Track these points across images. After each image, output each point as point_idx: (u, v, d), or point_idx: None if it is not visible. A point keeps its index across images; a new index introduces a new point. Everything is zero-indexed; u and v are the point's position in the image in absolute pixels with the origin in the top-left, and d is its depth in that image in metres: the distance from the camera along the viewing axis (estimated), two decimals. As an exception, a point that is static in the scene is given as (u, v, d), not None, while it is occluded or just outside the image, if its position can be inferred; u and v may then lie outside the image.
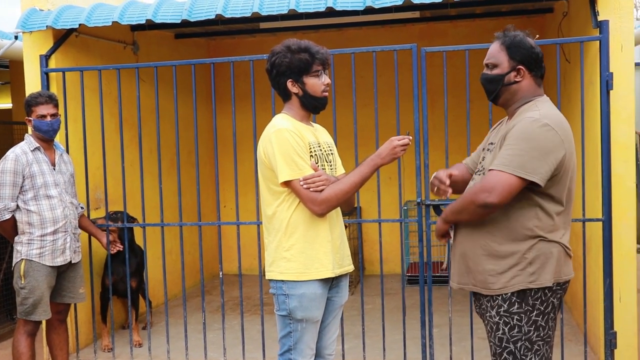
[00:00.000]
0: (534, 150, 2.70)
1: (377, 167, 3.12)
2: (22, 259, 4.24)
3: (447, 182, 3.07)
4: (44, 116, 4.31)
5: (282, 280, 3.10)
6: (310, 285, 3.08)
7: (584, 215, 4.40)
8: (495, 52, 2.92)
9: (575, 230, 4.96)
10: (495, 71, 2.92)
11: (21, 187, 4.23)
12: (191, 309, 6.21)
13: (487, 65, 2.96)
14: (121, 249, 4.99)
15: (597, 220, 4.39)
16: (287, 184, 3.03)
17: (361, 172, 3.10)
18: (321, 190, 3.02)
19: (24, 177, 4.21)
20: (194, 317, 5.98)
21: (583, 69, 4.41)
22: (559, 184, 2.79)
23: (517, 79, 2.89)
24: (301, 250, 3.07)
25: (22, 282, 4.23)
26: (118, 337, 5.52)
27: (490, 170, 2.75)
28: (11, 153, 4.26)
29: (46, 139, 4.37)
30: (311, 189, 3.01)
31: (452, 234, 3.04)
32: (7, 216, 4.22)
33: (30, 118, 4.35)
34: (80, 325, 5.17)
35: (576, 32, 5.16)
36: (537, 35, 3.04)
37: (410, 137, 3.14)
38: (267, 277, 3.19)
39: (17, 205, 4.24)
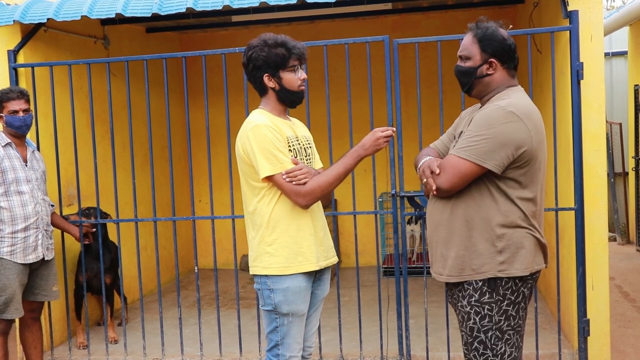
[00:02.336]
0: (493, 137, 2.72)
1: (360, 158, 3.13)
2: None
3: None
4: (16, 112, 4.26)
5: (266, 275, 3.10)
6: (295, 279, 3.08)
7: (556, 204, 4.45)
8: (468, 44, 2.93)
9: (547, 220, 5.01)
10: (468, 64, 2.93)
11: None
12: (167, 304, 6.18)
13: (460, 57, 2.98)
14: (92, 241, 4.96)
15: (570, 209, 4.43)
16: (269, 178, 3.03)
17: (345, 164, 3.11)
18: (304, 183, 3.02)
19: None
20: (170, 312, 5.95)
21: (554, 59, 4.45)
22: (527, 173, 2.80)
23: (489, 72, 2.90)
24: (284, 245, 3.07)
25: None
26: (93, 334, 5.47)
27: (450, 154, 2.80)
28: None
29: (18, 135, 4.32)
30: (294, 182, 3.01)
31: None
32: None
33: (1, 114, 4.28)
34: (55, 323, 5.11)
35: (547, 22, 5.20)
36: (511, 26, 3.05)
37: (394, 129, 3.16)
38: (251, 273, 3.19)
39: None
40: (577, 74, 4.32)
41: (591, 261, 4.44)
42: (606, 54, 8.59)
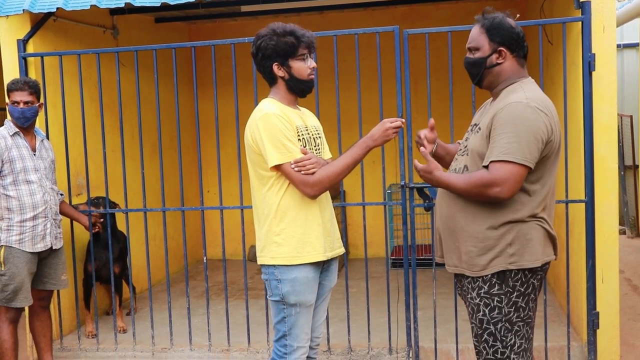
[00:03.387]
0: (528, 134, 2.69)
1: (369, 149, 3.12)
2: (2, 246, 4.20)
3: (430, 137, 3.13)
4: (17, 102, 4.26)
5: (274, 265, 3.10)
6: (302, 269, 3.08)
7: (566, 196, 4.42)
8: (476, 35, 2.92)
9: (558, 212, 4.98)
10: (477, 54, 2.91)
11: (0, 172, 4.18)
12: (175, 294, 6.19)
13: (469, 49, 2.96)
14: (100, 230, 4.97)
15: (580, 201, 4.41)
16: (277, 167, 3.02)
17: (353, 154, 3.10)
18: (312, 173, 3.01)
19: (2, 161, 4.17)
20: (178, 302, 5.96)
21: (565, 50, 4.41)
22: (544, 165, 2.79)
23: (499, 61, 2.88)
24: (292, 234, 3.07)
25: (2, 268, 4.20)
26: (102, 323, 5.50)
27: (494, 161, 2.71)
28: None
29: (18, 126, 4.31)
30: (302, 172, 3.00)
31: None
32: None
33: (7, 103, 4.30)
34: (64, 312, 5.14)
35: (558, 13, 5.16)
36: (518, 15, 3.04)
37: (403, 120, 3.14)
38: (258, 263, 3.18)
39: None
40: (588, 66, 4.29)
41: (601, 254, 4.41)
42: (617, 46, 8.51)
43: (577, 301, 4.67)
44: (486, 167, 2.75)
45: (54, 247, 4.40)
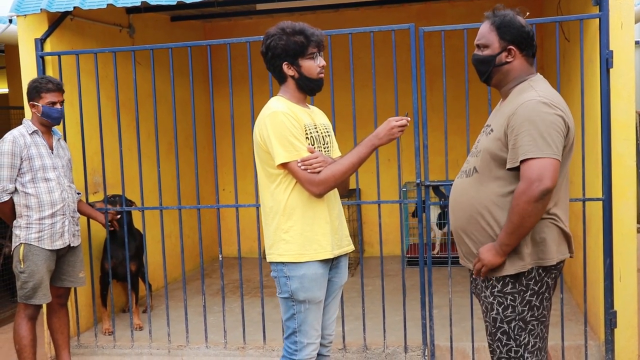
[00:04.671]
0: (549, 128, 2.67)
1: (374, 147, 3.11)
2: (21, 243, 4.24)
3: None
4: (54, 103, 4.33)
5: (283, 263, 3.11)
6: (311, 266, 3.09)
7: (584, 194, 4.39)
8: (486, 32, 2.90)
9: (575, 210, 4.96)
10: (486, 52, 2.90)
11: (19, 170, 4.22)
12: (191, 292, 6.21)
13: (478, 46, 2.95)
14: (117, 228, 5.01)
15: (597, 199, 4.37)
16: (284, 166, 3.03)
17: (359, 153, 3.09)
18: (319, 172, 3.01)
19: (21, 159, 4.21)
20: (194, 300, 5.99)
21: (583, 47, 4.38)
22: (561, 161, 2.77)
23: (508, 60, 2.87)
24: (300, 232, 3.08)
25: (22, 266, 4.23)
26: (118, 321, 5.53)
27: (523, 161, 2.67)
28: (9, 135, 4.25)
29: (50, 125, 4.38)
30: (309, 171, 3.00)
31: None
32: (5, 198, 4.21)
33: (36, 103, 4.32)
34: (81, 309, 5.17)
35: (575, 9, 5.12)
36: (528, 13, 3.02)
37: (409, 118, 3.13)
38: (267, 260, 3.20)
39: (15, 188, 4.23)
40: (606, 62, 4.25)
41: (619, 252, 4.38)
42: (636, 43, 8.42)
43: (595, 300, 4.64)
44: (510, 169, 2.73)
45: (72, 245, 4.44)
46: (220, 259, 4.84)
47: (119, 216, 5.02)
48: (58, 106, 4.34)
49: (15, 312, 6.13)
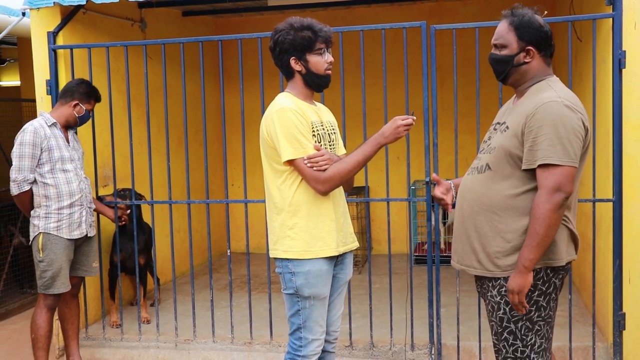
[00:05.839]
0: (569, 134, 2.65)
1: (380, 146, 3.11)
2: (40, 233, 4.29)
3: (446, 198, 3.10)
4: (90, 111, 4.54)
5: (288, 259, 3.11)
6: (315, 263, 3.09)
7: (594, 195, 4.36)
8: (504, 32, 2.86)
9: (584, 211, 4.94)
10: (504, 52, 2.87)
11: (38, 160, 4.26)
12: (199, 286, 6.23)
13: (495, 45, 2.91)
14: (126, 221, 5.04)
15: (608, 200, 4.35)
16: (290, 162, 3.03)
17: (364, 151, 3.09)
18: (324, 169, 3.02)
19: (41, 149, 4.26)
20: (201, 294, 6.00)
21: (595, 47, 4.35)
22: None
23: (526, 60, 2.84)
24: (305, 229, 3.08)
25: (40, 255, 4.29)
26: (126, 314, 5.55)
27: (541, 166, 2.66)
28: (29, 126, 4.30)
29: (74, 126, 4.53)
30: (314, 168, 3.00)
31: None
32: (26, 187, 4.27)
33: (82, 105, 4.45)
34: (89, 301, 5.20)
35: (588, 9, 5.09)
36: (546, 12, 2.98)
37: (415, 118, 3.12)
38: (271, 256, 3.21)
39: (34, 179, 4.28)
40: (619, 63, 4.22)
41: (628, 254, 4.35)
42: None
43: (603, 301, 4.62)
44: (526, 171, 2.72)
45: (88, 235, 4.50)
46: (229, 254, 4.85)
47: (128, 211, 5.03)
48: (89, 114, 4.56)
49: (24, 303, 6.20)
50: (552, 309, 2.86)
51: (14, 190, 4.27)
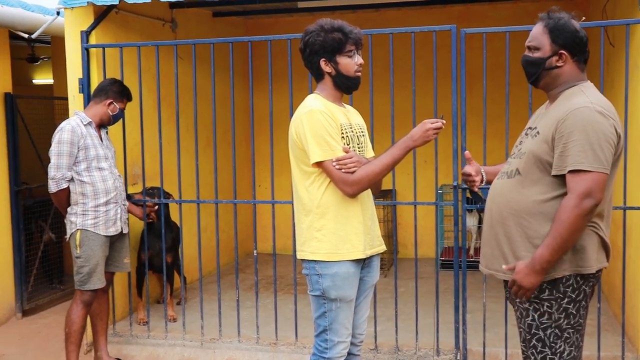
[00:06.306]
0: (600, 140, 2.62)
1: (409, 149, 3.10)
2: (78, 229, 4.38)
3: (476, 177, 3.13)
4: (123, 109, 4.64)
5: (315, 261, 3.11)
6: (343, 265, 3.09)
7: (625, 203, 4.30)
8: (538, 34, 2.85)
9: (615, 218, 4.85)
10: (537, 54, 2.85)
11: (75, 158, 4.33)
12: (225, 286, 6.26)
13: (528, 47, 2.89)
14: (154, 220, 5.09)
15: (638, 208, 4.29)
16: (318, 164, 3.03)
17: (393, 154, 3.09)
18: (353, 172, 3.01)
19: (78, 148, 4.33)
20: (227, 294, 6.03)
21: (628, 52, 4.29)
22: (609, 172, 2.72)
23: (558, 64, 2.82)
24: (333, 231, 3.08)
25: (78, 251, 4.36)
26: (153, 312, 5.60)
27: (571, 172, 2.64)
28: (67, 125, 4.38)
29: (107, 124, 4.63)
30: (343, 170, 3.00)
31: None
32: (65, 185, 4.35)
33: (115, 104, 4.55)
34: (117, 298, 5.26)
35: (621, 14, 5.03)
36: (584, 18, 2.95)
37: (444, 121, 3.11)
38: (298, 257, 3.21)
39: (72, 176, 4.35)
40: (652, 69, 4.17)
41: (659, 263, 4.30)
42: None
43: (633, 310, 4.55)
44: (556, 176, 2.70)
45: (123, 232, 4.59)
46: (255, 254, 4.87)
47: (156, 207, 5.08)
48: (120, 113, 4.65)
49: (54, 298, 6.30)
50: (582, 316, 2.82)
51: (53, 187, 4.34)
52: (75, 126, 4.35)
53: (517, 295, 2.77)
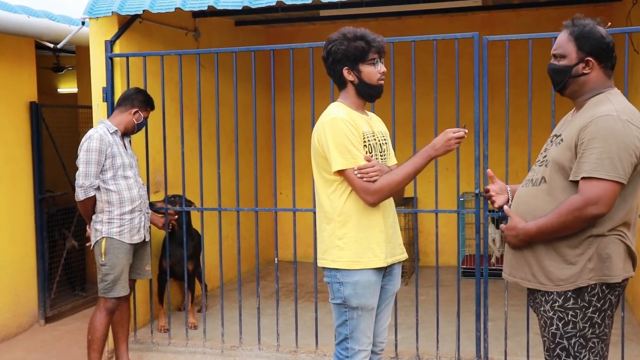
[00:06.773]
0: (620, 149, 2.59)
1: (430, 158, 3.09)
2: (103, 237, 4.41)
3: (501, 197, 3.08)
4: (146, 118, 4.69)
5: (336, 269, 3.11)
6: (364, 273, 3.08)
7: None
8: (563, 42, 2.82)
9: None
10: (563, 62, 2.82)
11: (102, 167, 4.38)
12: (246, 293, 6.28)
13: (554, 55, 2.87)
14: (176, 227, 5.12)
15: (663, 217, 4.23)
16: (340, 172, 3.03)
17: (415, 163, 3.08)
18: (374, 180, 3.01)
19: (105, 156, 4.37)
20: (248, 301, 6.05)
21: (653, 60, 4.26)
22: (632, 179, 2.69)
23: (585, 71, 2.79)
24: (354, 239, 3.08)
25: (103, 259, 4.40)
26: (174, 319, 5.63)
27: (585, 178, 2.62)
28: (95, 133, 4.42)
29: (131, 133, 4.68)
30: (365, 179, 3.00)
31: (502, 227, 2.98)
32: (92, 193, 4.40)
33: (140, 113, 4.61)
34: (138, 306, 5.29)
35: (646, 21, 4.99)
36: (609, 24, 2.92)
37: (466, 130, 3.10)
38: (319, 265, 3.21)
39: (98, 185, 4.40)
40: (677, 76, 4.12)
41: (685, 272, 4.23)
42: None
43: (657, 320, 4.49)
44: (573, 182, 2.68)
45: (146, 239, 4.63)
46: (276, 262, 4.88)
47: (177, 216, 5.11)
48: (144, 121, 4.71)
49: (76, 305, 6.35)
50: (607, 326, 2.79)
51: (81, 195, 4.38)
52: (102, 134, 4.40)
53: (505, 228, 2.87)
